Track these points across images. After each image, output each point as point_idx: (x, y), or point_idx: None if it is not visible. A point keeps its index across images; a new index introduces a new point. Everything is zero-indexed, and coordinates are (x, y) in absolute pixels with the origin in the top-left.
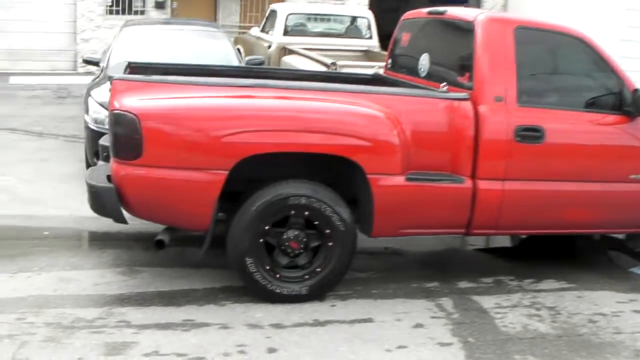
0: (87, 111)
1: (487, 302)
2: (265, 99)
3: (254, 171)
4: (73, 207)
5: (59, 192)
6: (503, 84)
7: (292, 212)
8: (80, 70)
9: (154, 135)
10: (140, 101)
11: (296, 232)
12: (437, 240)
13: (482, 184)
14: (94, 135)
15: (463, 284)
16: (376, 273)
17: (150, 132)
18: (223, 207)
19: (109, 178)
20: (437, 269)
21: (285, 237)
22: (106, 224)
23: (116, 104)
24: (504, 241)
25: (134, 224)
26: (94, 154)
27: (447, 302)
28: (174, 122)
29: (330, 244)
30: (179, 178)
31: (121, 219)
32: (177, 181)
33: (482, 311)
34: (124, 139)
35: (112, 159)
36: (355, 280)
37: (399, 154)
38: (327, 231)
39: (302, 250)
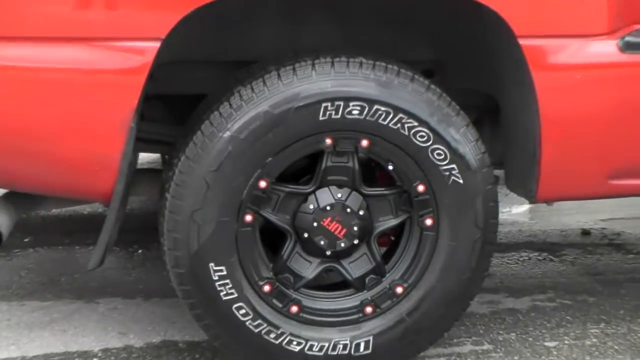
0: None
1: None
2: None
3: (216, 50)
4: None
5: None
6: None
7: (328, 141)
8: None
9: None
10: None
11: (339, 195)
12: None
13: None
14: None
15: None
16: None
17: None
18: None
19: None
20: None
21: (311, 208)
22: None
23: None
24: None
25: None
26: None
27: None
28: None
29: (429, 223)
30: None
31: None
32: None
33: None
34: None
35: None
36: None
37: None
38: (421, 191)
39: (353, 242)
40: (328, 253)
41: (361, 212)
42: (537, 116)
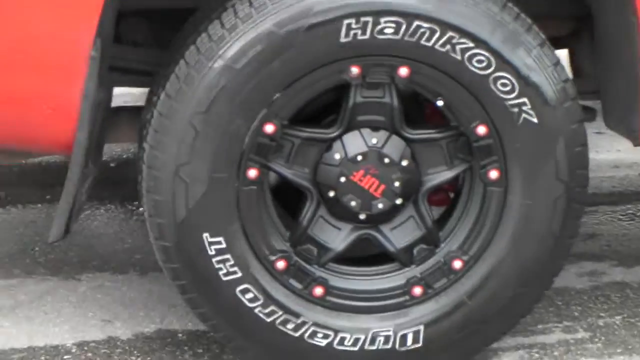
0: None
1: None
2: None
3: None
4: None
5: None
6: None
7: (355, 70)
8: None
9: None
10: None
11: (374, 140)
12: None
13: None
14: None
15: None
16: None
17: None
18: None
19: None
20: None
21: (336, 158)
22: None
23: None
24: None
25: None
26: None
27: None
28: None
29: (495, 176)
30: None
31: None
32: None
33: None
34: None
35: None
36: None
37: None
38: (482, 133)
39: (395, 202)
40: (362, 217)
41: (404, 163)
42: (637, 27)
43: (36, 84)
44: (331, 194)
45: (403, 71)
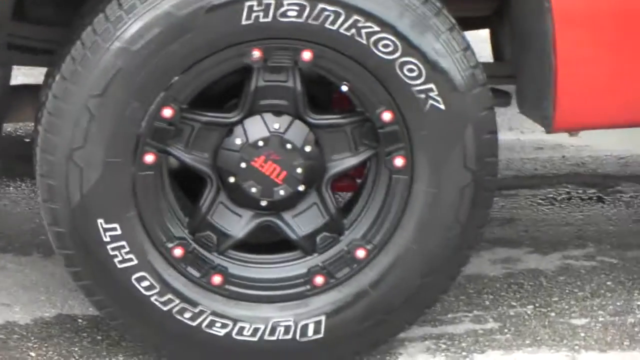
0: None
1: None
2: None
3: None
4: None
5: None
6: None
7: (256, 54)
8: None
9: None
10: None
11: (276, 125)
12: None
13: None
14: None
15: None
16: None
17: None
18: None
19: None
20: None
21: (237, 143)
22: None
23: None
24: None
25: None
26: None
27: None
28: None
29: (401, 164)
30: None
31: None
32: None
33: None
34: None
35: None
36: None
37: None
38: (387, 120)
39: (297, 189)
40: (263, 204)
41: (307, 148)
42: (550, 12)
43: None
44: (231, 179)
45: (306, 55)
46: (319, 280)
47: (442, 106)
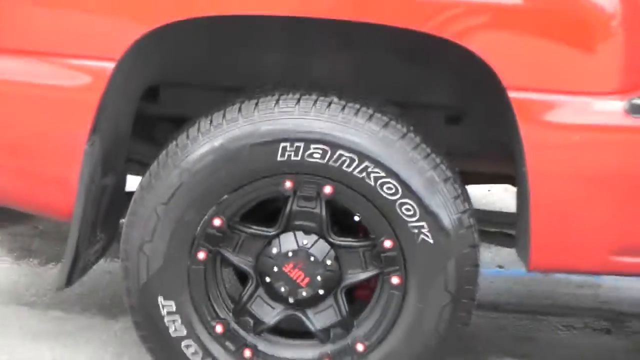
0: None
1: None
2: None
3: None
4: None
5: None
6: None
7: (288, 184)
8: None
9: None
10: None
11: (304, 242)
12: None
13: None
14: None
15: None
16: None
17: None
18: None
19: None
20: None
21: (273, 252)
22: None
23: None
24: None
25: None
26: None
27: None
28: None
29: (396, 282)
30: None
31: None
32: None
33: None
34: None
35: None
36: None
37: (614, 36)
38: (388, 246)
39: (317, 292)
40: (291, 301)
41: (328, 262)
42: (526, 175)
43: (45, 167)
44: (267, 279)
45: (327, 189)
46: None
47: (431, 241)
